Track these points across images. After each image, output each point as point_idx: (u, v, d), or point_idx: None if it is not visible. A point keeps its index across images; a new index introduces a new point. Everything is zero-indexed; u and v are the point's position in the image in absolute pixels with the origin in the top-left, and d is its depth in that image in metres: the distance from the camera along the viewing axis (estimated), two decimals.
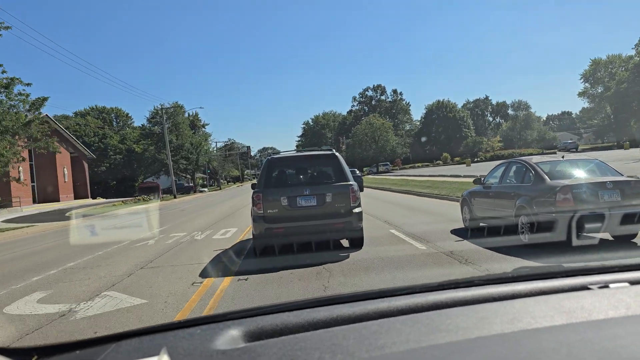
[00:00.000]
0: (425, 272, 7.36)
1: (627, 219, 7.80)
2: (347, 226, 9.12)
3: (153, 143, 75.79)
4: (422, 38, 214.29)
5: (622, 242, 8.48)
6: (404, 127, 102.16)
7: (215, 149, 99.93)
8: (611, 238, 8.71)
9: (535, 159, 9.97)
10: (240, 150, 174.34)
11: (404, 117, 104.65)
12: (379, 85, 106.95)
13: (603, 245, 8.24)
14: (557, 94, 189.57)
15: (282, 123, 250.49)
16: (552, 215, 8.04)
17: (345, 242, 9.93)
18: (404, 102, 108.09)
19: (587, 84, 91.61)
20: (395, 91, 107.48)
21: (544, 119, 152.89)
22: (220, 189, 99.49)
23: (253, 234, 9.58)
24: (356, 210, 9.20)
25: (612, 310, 1.23)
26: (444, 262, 7.86)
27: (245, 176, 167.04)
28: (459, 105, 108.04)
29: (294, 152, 11.93)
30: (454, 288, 1.51)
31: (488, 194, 10.56)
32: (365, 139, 76.74)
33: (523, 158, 10.29)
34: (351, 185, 9.29)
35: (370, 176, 66.18)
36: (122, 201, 48.41)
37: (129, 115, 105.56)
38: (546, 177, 8.73)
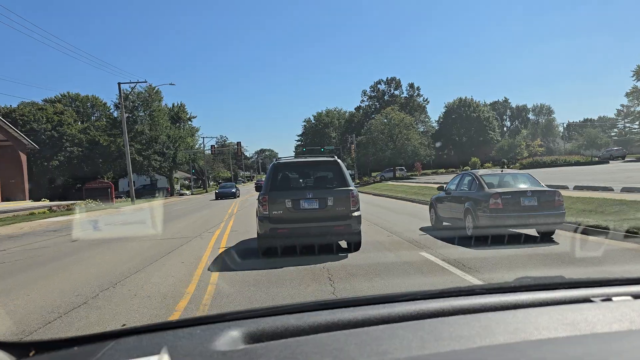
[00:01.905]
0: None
1: (540, 218, 10.66)
2: (347, 229, 9.81)
3: (120, 134, 61.73)
4: (442, 31, 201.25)
5: (545, 239, 10.62)
6: (418, 128, 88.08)
7: (202, 145, 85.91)
8: (537, 234, 11.05)
9: (481, 171, 12.98)
10: (233, 149, 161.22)
11: (421, 115, 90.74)
12: (393, 78, 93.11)
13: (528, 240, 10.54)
14: (577, 101, 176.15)
15: (281, 122, 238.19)
16: (487, 215, 10.81)
17: (343, 244, 10.53)
18: (421, 98, 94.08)
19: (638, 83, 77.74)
20: (412, 85, 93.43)
21: (565, 125, 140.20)
22: (207, 191, 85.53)
23: (258, 233, 10.20)
24: (355, 213, 9.91)
25: (616, 324, 1.22)
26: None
27: (240, 178, 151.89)
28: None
29: (299, 157, 12.95)
30: (456, 296, 1.51)
31: (447, 198, 13.13)
32: (381, 137, 62.65)
33: (472, 171, 13.68)
34: (351, 190, 10.06)
35: (390, 183, 52.02)
36: (48, 209, 34.35)
37: (108, 104, 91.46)
38: (485, 186, 11.49)
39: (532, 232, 11.25)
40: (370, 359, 1.05)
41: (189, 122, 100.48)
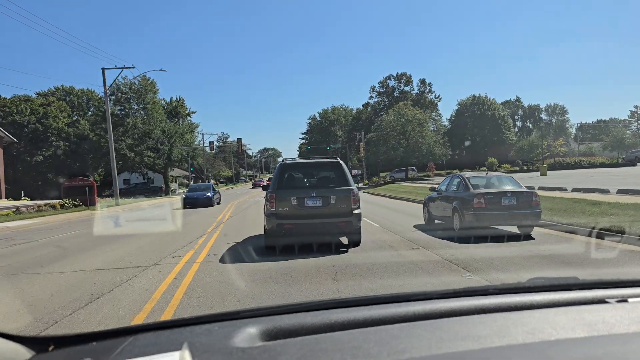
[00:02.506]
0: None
1: (518, 216, 11.76)
2: (348, 225, 10.42)
3: (113, 127, 57.15)
4: (450, 29, 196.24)
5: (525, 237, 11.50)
6: (429, 127, 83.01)
7: (201, 142, 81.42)
8: (518, 232, 12.03)
9: (467, 174, 14.23)
10: (235, 147, 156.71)
11: (432, 113, 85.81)
12: (403, 74, 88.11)
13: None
14: (587, 102, 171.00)
15: (285, 121, 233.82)
16: (471, 212, 11.86)
17: (344, 240, 11.03)
18: (433, 94, 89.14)
19: None
20: (423, 81, 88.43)
21: (577, 126, 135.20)
22: None
23: (265, 228, 10.82)
24: (356, 211, 10.50)
25: (634, 325, 1.22)
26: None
27: (242, 177, 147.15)
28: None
29: (304, 158, 14.46)
30: (470, 296, 1.52)
31: (439, 198, 14.16)
32: (393, 134, 57.81)
33: (460, 173, 15.35)
34: (352, 189, 10.67)
35: (405, 184, 47.24)
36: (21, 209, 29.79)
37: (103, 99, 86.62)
38: (471, 187, 12.55)
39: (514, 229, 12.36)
40: (390, 357, 1.04)
41: (188, 118, 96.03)
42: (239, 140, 68.02)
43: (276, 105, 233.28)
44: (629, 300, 1.45)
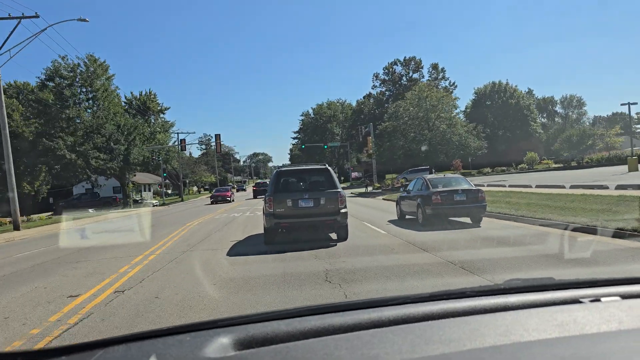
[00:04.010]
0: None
1: (468, 209, 14.26)
2: (336, 222, 11.93)
3: (49, 121, 43.72)
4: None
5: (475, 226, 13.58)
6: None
7: (176, 143, 67.98)
8: (470, 221, 14.32)
9: (429, 176, 16.77)
10: (221, 150, 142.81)
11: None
12: (412, 58, 75.43)
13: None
14: (603, 94, 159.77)
15: (275, 124, 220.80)
16: (431, 207, 14.25)
17: (334, 236, 12.58)
18: (447, 81, 76.38)
19: None
20: (435, 67, 75.65)
21: (591, 120, 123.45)
22: (182, 200, 67.68)
23: (264, 227, 12.34)
24: (343, 210, 11.93)
25: (605, 325, 1.23)
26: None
27: (229, 183, 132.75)
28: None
29: (297, 165, 15.04)
30: (446, 299, 1.52)
31: (407, 197, 16.59)
32: (413, 124, 44.90)
33: (424, 175, 17.58)
34: (339, 191, 12.16)
35: None
36: None
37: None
38: (431, 186, 14.91)
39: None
40: None
41: (161, 116, 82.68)
42: (217, 137, 54.49)
43: (265, 109, 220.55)
44: (602, 299, 1.45)
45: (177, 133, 72.55)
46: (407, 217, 16.63)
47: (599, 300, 1.46)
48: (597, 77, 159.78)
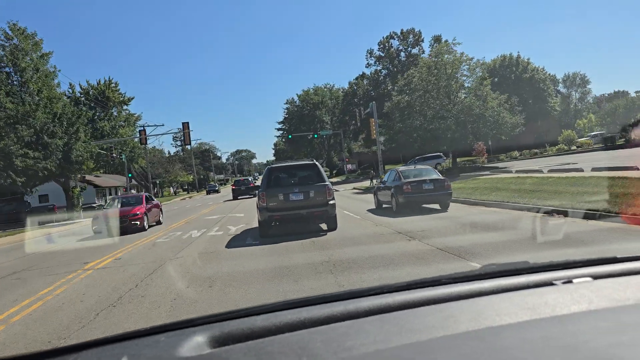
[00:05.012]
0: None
1: (435, 197, 15.93)
2: (325, 213, 12.83)
3: None
4: None
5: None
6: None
7: (136, 137, 57.59)
8: (439, 207, 15.99)
9: (401, 168, 18.54)
10: (203, 149, 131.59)
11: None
12: (410, 31, 65.67)
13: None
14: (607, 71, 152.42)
15: (257, 119, 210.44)
16: (402, 196, 15.90)
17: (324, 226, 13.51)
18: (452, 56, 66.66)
19: None
20: (438, 39, 65.67)
21: (591, 99, 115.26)
22: None
23: (259, 220, 13.12)
24: (331, 202, 12.79)
25: (575, 305, 1.25)
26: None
27: (211, 182, 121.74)
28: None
29: (287, 162, 15.05)
30: (422, 287, 1.52)
31: (383, 188, 18.12)
32: (432, 97, 35.30)
33: (396, 167, 19.34)
34: (327, 184, 13.01)
35: (505, 176, 25.20)
36: None
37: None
38: (402, 177, 16.56)
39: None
40: (336, 355, 1.05)
41: (125, 107, 71.90)
42: (185, 125, 43.85)
43: (247, 104, 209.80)
44: (574, 281, 1.46)
45: (144, 126, 62.12)
46: (383, 206, 18.26)
47: (570, 281, 1.46)
48: (596, 55, 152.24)
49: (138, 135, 51.63)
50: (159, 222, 21.82)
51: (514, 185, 18.54)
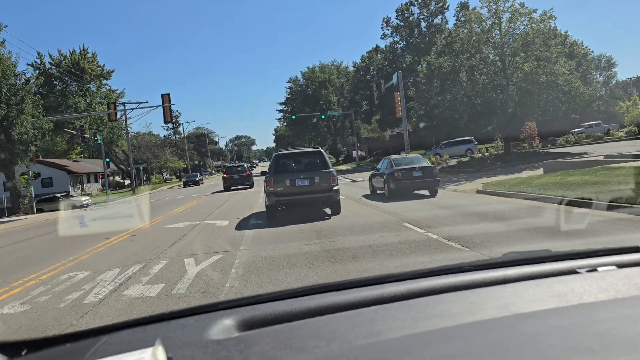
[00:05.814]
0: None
1: (424, 183, 16.96)
2: (329, 198, 13.32)
3: None
4: None
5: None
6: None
7: (123, 117, 48.94)
8: (428, 193, 17.05)
9: (393, 156, 19.96)
10: (199, 133, 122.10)
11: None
12: None
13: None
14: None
15: (259, 102, 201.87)
16: (393, 182, 16.72)
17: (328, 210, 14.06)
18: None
19: None
20: (464, 6, 56.93)
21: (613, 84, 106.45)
22: (134, 192, 49.33)
23: (266, 204, 13.83)
24: (335, 187, 13.29)
25: (602, 294, 1.24)
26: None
27: (208, 169, 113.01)
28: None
29: (293, 149, 16.85)
30: (445, 274, 1.52)
31: (377, 175, 19.08)
32: (485, 63, 27.05)
33: (390, 156, 21.38)
34: (331, 171, 13.55)
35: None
36: None
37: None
38: (394, 164, 17.29)
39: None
40: (366, 339, 1.05)
41: (104, 82, 63.15)
42: (166, 98, 35.14)
43: (248, 88, 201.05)
44: (599, 269, 1.45)
45: (124, 104, 53.57)
46: (377, 192, 19.07)
47: (595, 270, 1.44)
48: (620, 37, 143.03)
49: (108, 110, 42.96)
50: None
51: None
